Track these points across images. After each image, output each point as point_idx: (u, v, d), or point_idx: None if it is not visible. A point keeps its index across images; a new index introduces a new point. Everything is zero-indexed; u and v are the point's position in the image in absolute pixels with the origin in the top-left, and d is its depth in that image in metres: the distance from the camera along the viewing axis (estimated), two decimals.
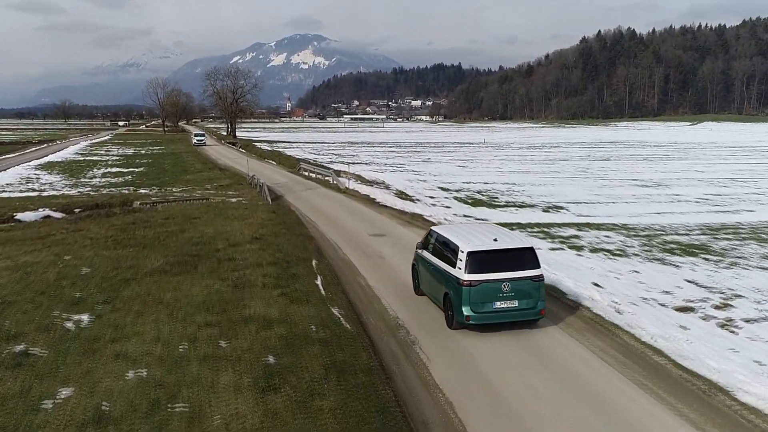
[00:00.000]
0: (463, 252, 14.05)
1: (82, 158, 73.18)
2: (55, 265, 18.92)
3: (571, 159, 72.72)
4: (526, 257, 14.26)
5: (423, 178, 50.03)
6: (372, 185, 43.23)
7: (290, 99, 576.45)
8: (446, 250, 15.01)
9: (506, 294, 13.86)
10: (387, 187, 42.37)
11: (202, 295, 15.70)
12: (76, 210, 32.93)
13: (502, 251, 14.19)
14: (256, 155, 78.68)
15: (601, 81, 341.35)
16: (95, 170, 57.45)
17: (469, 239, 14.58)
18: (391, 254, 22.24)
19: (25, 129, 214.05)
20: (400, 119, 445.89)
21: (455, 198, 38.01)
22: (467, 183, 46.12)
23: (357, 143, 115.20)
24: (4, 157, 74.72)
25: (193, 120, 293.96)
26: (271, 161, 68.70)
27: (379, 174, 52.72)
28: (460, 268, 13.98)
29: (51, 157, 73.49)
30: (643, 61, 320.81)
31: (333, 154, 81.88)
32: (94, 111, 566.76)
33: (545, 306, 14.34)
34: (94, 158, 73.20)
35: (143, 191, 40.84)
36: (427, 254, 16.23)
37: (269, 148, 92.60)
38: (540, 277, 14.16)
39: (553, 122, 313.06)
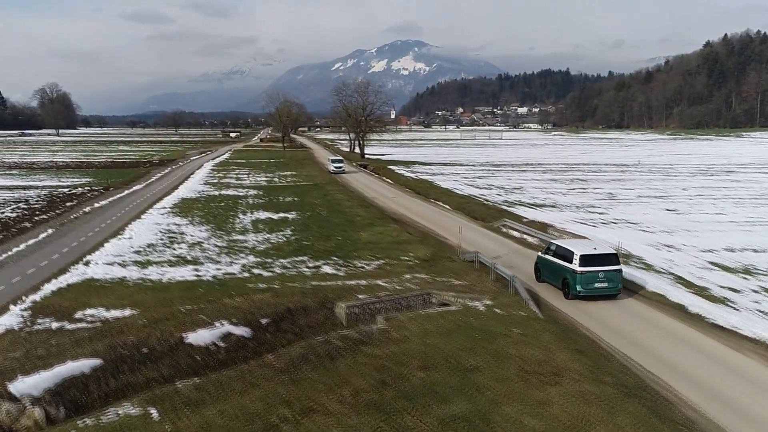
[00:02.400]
0: (576, 254, 24.50)
1: (216, 191, 63.92)
2: None
3: None
4: (612, 258, 24.71)
5: (663, 241, 37.09)
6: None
7: (394, 106, 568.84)
8: (564, 253, 25.37)
9: (601, 279, 24.29)
10: (659, 272, 29.46)
11: None
12: (263, 320, 22.23)
13: (599, 255, 24.68)
14: (408, 188, 67.47)
15: (729, 88, 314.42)
16: (241, 216, 47.38)
17: (578, 247, 25.40)
18: None
19: (139, 141, 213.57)
20: (508, 127, 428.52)
21: None
22: (730, 248, 34.44)
23: (498, 165, 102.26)
24: (132, 189, 66.67)
25: (300, 129, 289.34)
26: (437, 202, 56.88)
27: (594, 230, 40.17)
28: (575, 263, 24.33)
29: (182, 190, 64.69)
30: None
31: (492, 185, 69.40)
32: (201, 119, 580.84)
33: (621, 286, 24.81)
34: (230, 192, 63.76)
35: (326, 269, 29.70)
36: (548, 257, 26.69)
37: (410, 174, 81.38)
38: (620, 270, 24.64)
39: (678, 132, 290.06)
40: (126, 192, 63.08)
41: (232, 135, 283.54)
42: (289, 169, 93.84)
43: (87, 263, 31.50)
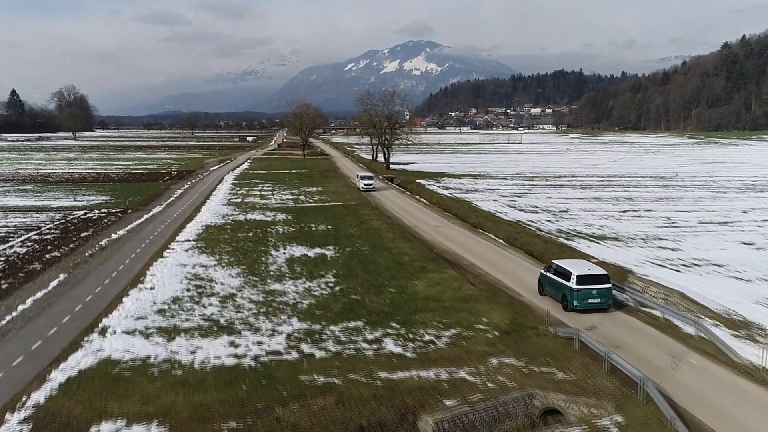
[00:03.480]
0: (574, 274, 28.22)
1: (242, 215, 58.61)
2: None
3: None
4: (604, 278, 28.46)
5: None
6: None
7: (408, 108, 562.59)
8: (564, 271, 29.03)
9: (594, 295, 28.10)
10: None
11: None
12: None
13: (593, 275, 28.39)
14: (447, 211, 61.88)
15: (749, 90, 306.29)
16: (273, 252, 41.99)
17: (576, 267, 28.95)
18: None
19: (156, 146, 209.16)
20: (524, 129, 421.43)
21: None
22: None
23: (530, 177, 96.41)
24: (150, 212, 61.43)
25: (315, 130, 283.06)
26: (486, 233, 51.19)
27: (679, 276, 34.43)
28: (572, 282, 28.14)
29: (206, 214, 59.38)
30: None
31: (537, 207, 63.69)
32: (217, 119, 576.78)
33: (612, 302, 28.67)
34: (256, 216, 58.46)
35: (390, 345, 24.21)
36: (550, 274, 30.38)
37: (443, 191, 75.86)
38: (610, 288, 28.53)
39: (698, 135, 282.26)
40: (145, 217, 57.84)
41: (249, 139, 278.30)
42: (313, 183, 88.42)
43: (103, 331, 26.27)
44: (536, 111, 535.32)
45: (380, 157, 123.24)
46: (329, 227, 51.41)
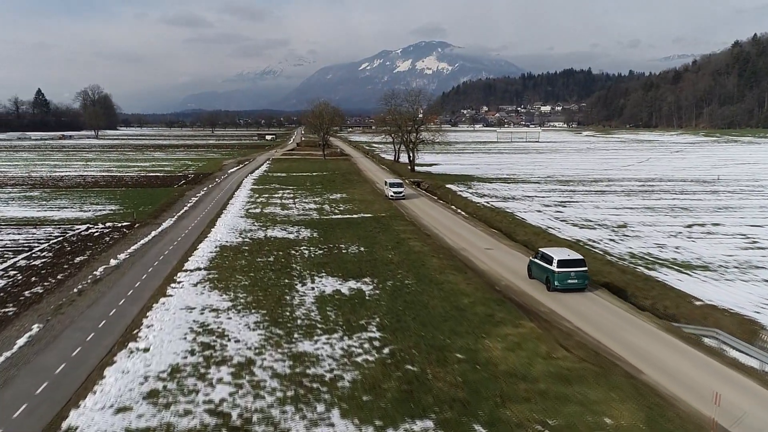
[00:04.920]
0: (555, 259, 31.42)
1: (261, 231, 49.76)
2: None
3: None
4: (581, 262, 31.68)
5: None
6: None
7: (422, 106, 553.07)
8: (547, 257, 32.08)
9: (572, 277, 31.22)
10: None
11: None
12: None
13: (572, 260, 31.60)
14: (490, 226, 52.78)
15: (762, 88, 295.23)
16: (300, 288, 33.09)
17: (557, 253, 32.18)
18: None
19: (176, 145, 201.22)
20: (539, 128, 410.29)
21: None
22: None
23: (565, 182, 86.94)
24: (160, 227, 52.65)
25: (332, 128, 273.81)
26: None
27: None
28: (554, 265, 31.30)
29: (221, 229, 50.57)
30: None
31: (591, 221, 54.45)
32: (237, 117, 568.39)
33: (588, 282, 31.83)
34: (277, 232, 49.62)
35: None
36: (537, 260, 33.39)
37: (478, 200, 66.76)
38: (586, 270, 31.68)
39: (713, 132, 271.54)
40: (153, 233, 49.07)
41: (268, 138, 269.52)
42: (337, 188, 79.35)
43: None
44: (546, 109, 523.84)
45: (402, 158, 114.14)
46: (362, 249, 42.36)
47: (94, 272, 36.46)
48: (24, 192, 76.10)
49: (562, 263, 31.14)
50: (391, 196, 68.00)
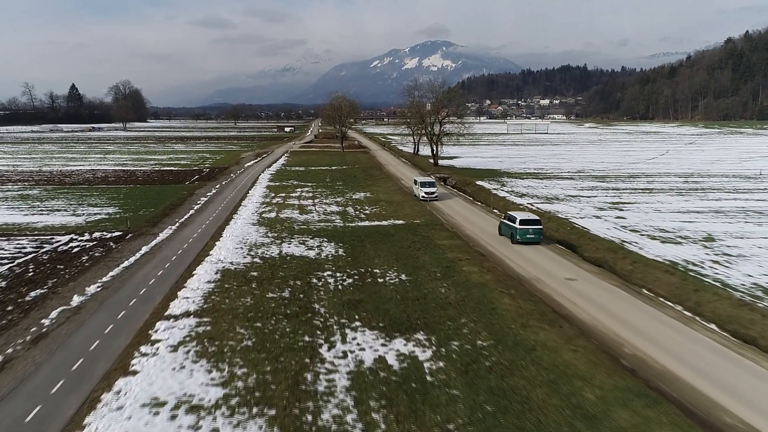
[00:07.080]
0: (517, 219, 36.74)
1: (276, 246, 37.02)
2: None
3: None
4: (537, 221, 37.02)
5: None
6: None
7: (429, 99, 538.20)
8: (511, 218, 37.63)
9: (530, 232, 36.44)
10: None
11: None
12: None
13: (530, 219, 36.91)
14: (553, 240, 39.78)
15: (756, 82, 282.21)
16: (325, 354, 20.48)
17: (519, 215, 37.42)
18: None
19: (198, 137, 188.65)
20: (534, 118, 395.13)
21: None
22: None
23: (601, 177, 73.69)
24: (156, 237, 39.99)
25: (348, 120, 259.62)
26: (647, 291, 29.03)
27: None
28: (516, 223, 36.64)
29: (227, 242, 37.88)
30: None
31: (677, 233, 41.36)
32: (259, 110, 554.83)
33: (542, 237, 37.02)
34: (294, 247, 36.90)
35: None
36: (504, 220, 38.79)
37: (516, 198, 53.88)
38: (541, 228, 36.98)
39: (711, 124, 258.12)
40: (143, 250, 36.50)
41: (287, 129, 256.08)
42: (359, 186, 66.37)
43: None
44: (545, 102, 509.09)
45: (422, 151, 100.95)
46: (402, 277, 29.53)
47: (43, 320, 23.91)
48: (22, 190, 63.61)
49: (523, 222, 36.81)
50: (423, 197, 54.98)
